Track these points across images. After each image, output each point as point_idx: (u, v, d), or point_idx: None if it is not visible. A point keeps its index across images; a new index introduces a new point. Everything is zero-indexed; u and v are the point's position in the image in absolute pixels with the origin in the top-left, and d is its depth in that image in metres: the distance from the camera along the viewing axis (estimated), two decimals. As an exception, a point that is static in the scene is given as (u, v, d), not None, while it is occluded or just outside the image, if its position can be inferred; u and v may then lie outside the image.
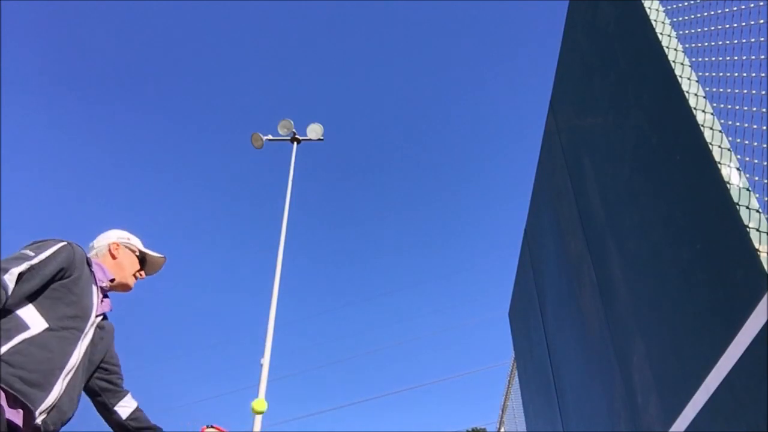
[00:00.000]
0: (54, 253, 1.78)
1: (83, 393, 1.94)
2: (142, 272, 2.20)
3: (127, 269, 2.13)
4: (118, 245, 2.14)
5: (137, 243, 2.23)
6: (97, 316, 1.92)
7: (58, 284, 1.78)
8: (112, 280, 2.06)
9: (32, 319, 1.69)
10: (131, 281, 2.14)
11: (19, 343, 1.63)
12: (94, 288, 1.92)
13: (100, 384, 2.04)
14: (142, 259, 2.21)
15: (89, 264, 1.93)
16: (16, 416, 1.60)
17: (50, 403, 1.68)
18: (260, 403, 2.93)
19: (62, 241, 1.85)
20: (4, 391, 1.57)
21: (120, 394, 2.08)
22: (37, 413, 1.64)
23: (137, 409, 2.10)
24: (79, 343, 1.81)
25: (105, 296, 2.04)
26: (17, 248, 1.85)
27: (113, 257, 2.11)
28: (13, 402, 1.59)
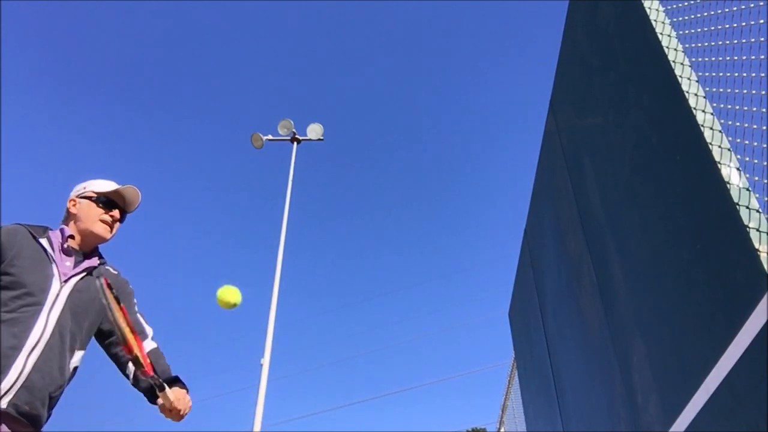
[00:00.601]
0: None
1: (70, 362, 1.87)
2: (113, 212, 2.09)
3: (86, 219, 2.03)
4: (74, 200, 2.07)
5: (95, 186, 2.11)
6: (66, 280, 1.87)
7: None
8: (71, 237, 1.99)
9: None
10: (97, 228, 2.03)
11: None
12: (51, 256, 1.88)
13: (104, 342, 1.99)
14: (107, 201, 2.09)
15: (35, 236, 1.89)
16: None
17: (10, 385, 1.66)
18: (230, 293, 2.38)
19: None
20: None
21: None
22: None
23: (149, 353, 1.95)
24: (41, 316, 1.77)
25: (86, 256, 1.99)
26: None
27: (72, 214, 2.04)
28: None
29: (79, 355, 1.90)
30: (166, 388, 1.80)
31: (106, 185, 2.13)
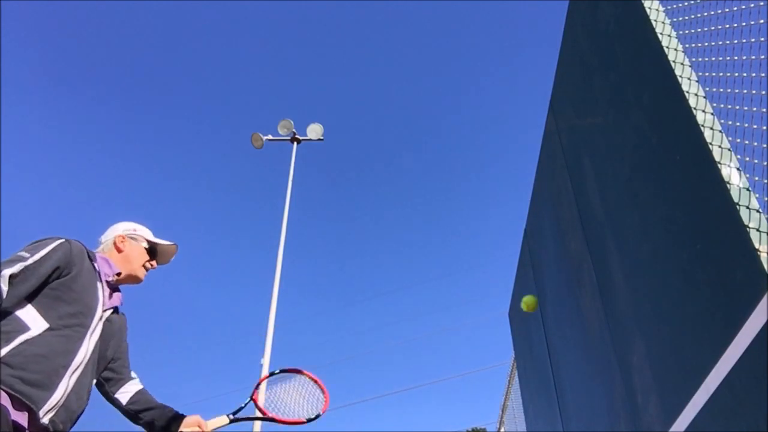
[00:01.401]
0: (49, 252, 1.77)
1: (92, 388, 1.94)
2: (153, 262, 2.18)
3: (134, 261, 2.10)
4: (124, 238, 2.12)
5: (145, 233, 2.20)
6: (104, 310, 1.91)
7: (56, 283, 1.77)
8: (118, 274, 2.05)
9: (32, 319, 1.69)
10: (140, 273, 2.12)
11: (20, 344, 1.63)
12: (99, 283, 1.91)
13: (103, 375, 2.02)
14: (152, 249, 2.18)
15: (91, 259, 1.92)
16: (21, 418, 1.60)
17: (55, 402, 1.68)
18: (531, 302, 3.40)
19: (59, 239, 1.84)
20: (7, 393, 1.57)
21: (121, 382, 2.05)
22: (41, 413, 1.64)
23: (138, 392, 2.05)
24: (86, 339, 1.80)
25: (115, 290, 2.03)
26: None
27: (119, 250, 2.09)
28: (18, 404, 1.59)
29: (94, 382, 1.95)
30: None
31: (156, 237, 2.23)
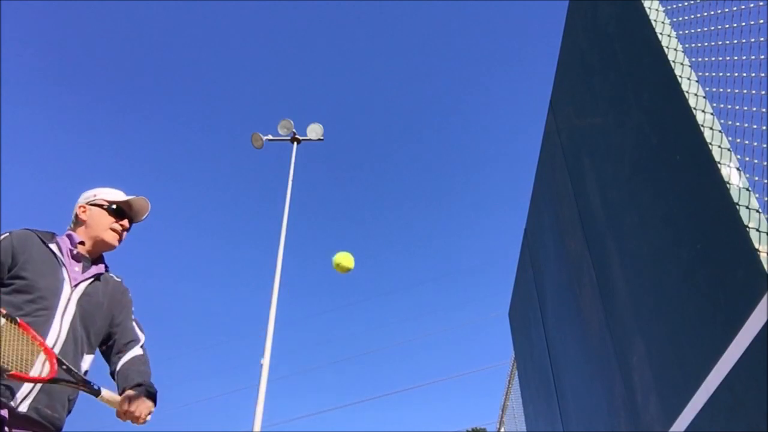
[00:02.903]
0: None
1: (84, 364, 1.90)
2: (124, 222, 2.11)
3: (96, 226, 2.05)
4: (84, 207, 2.09)
5: (106, 195, 2.13)
6: (76, 285, 1.90)
7: (8, 276, 1.78)
8: (81, 243, 2.01)
9: None
10: (107, 236, 2.06)
11: None
12: (59, 262, 1.89)
13: (108, 344, 2.01)
14: (117, 210, 2.11)
15: (44, 241, 1.91)
16: (3, 412, 1.61)
17: (29, 389, 1.68)
18: (345, 258, 2.79)
19: (0, 234, 1.85)
20: None
21: (116, 350, 1.98)
22: (14, 404, 1.64)
23: (129, 361, 1.96)
24: (55, 320, 1.79)
25: (95, 262, 2.02)
26: None
27: (82, 220, 2.06)
28: None
29: (89, 359, 1.93)
30: (102, 391, 1.77)
31: (117, 194, 2.15)
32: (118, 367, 1.94)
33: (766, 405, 1.39)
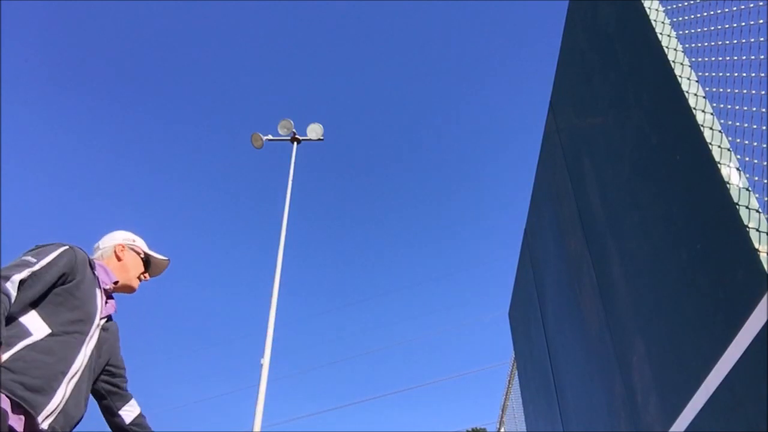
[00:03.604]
0: (55, 258, 1.78)
1: (90, 396, 1.95)
2: (147, 274, 2.21)
3: (131, 271, 2.13)
4: (123, 247, 2.14)
5: (142, 245, 2.23)
6: (101, 318, 1.93)
7: (60, 289, 1.78)
8: (116, 282, 2.06)
9: (35, 325, 1.70)
10: (135, 283, 2.15)
11: (21, 349, 1.64)
12: (98, 290, 1.92)
13: (105, 387, 2.05)
14: (147, 261, 2.21)
15: (92, 266, 1.93)
16: (17, 422, 1.60)
17: (54, 407, 1.69)
18: None
19: (64, 245, 1.85)
20: (8, 397, 1.58)
21: (125, 398, 2.09)
22: (40, 419, 1.65)
23: (140, 415, 2.11)
24: (84, 346, 1.81)
25: (109, 298, 2.04)
26: (19, 251, 1.85)
27: (118, 259, 2.11)
28: (16, 408, 1.60)
29: (90, 388, 1.97)
30: None
31: (151, 250, 2.25)
32: (130, 419, 2.07)
33: (766, 405, 1.39)
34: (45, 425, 1.67)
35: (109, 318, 2.03)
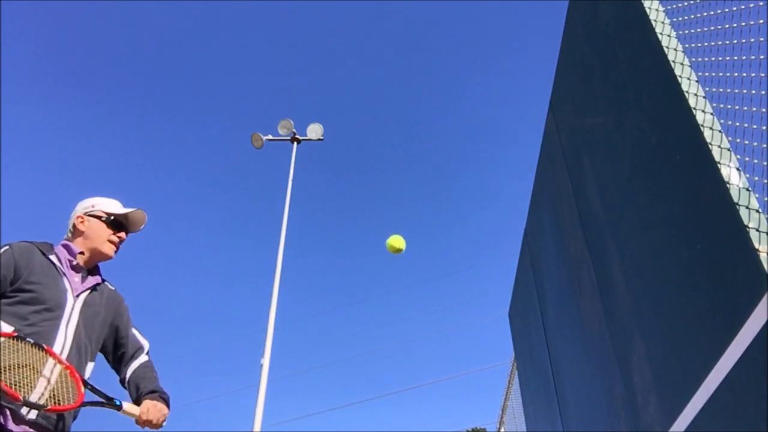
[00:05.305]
0: None
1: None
2: (121, 234, 2.12)
3: (95, 238, 2.06)
4: (82, 217, 2.09)
5: (104, 206, 2.14)
6: (77, 295, 1.93)
7: (11, 288, 1.80)
8: (81, 253, 2.02)
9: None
10: (105, 247, 2.07)
11: None
12: (58, 273, 1.91)
13: (117, 353, 2.06)
14: (115, 221, 2.12)
15: (44, 252, 1.92)
16: (3, 419, 1.64)
17: (39, 396, 1.70)
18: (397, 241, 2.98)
19: (1, 247, 1.86)
20: None
21: (129, 362, 2.05)
22: (24, 410, 1.67)
23: (135, 370, 2.03)
24: (60, 329, 1.82)
25: (91, 272, 2.04)
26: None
27: (80, 231, 2.07)
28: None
29: (91, 366, 1.97)
30: (123, 405, 1.86)
31: (115, 206, 2.16)
32: (127, 376, 2.02)
33: (766, 405, 1.39)
34: (33, 415, 1.70)
35: (94, 289, 2.01)
